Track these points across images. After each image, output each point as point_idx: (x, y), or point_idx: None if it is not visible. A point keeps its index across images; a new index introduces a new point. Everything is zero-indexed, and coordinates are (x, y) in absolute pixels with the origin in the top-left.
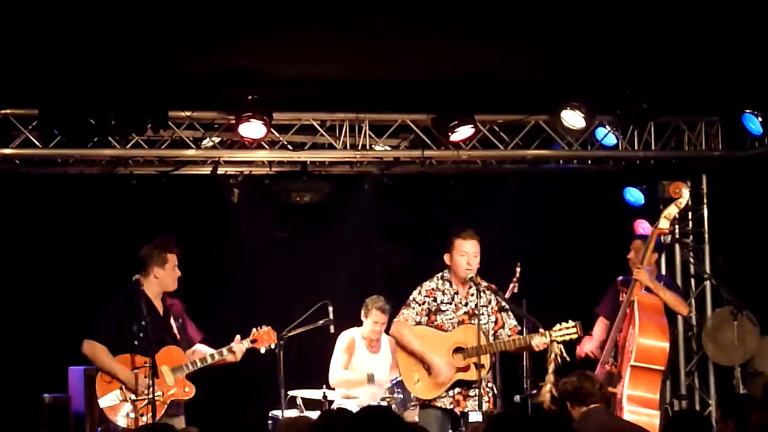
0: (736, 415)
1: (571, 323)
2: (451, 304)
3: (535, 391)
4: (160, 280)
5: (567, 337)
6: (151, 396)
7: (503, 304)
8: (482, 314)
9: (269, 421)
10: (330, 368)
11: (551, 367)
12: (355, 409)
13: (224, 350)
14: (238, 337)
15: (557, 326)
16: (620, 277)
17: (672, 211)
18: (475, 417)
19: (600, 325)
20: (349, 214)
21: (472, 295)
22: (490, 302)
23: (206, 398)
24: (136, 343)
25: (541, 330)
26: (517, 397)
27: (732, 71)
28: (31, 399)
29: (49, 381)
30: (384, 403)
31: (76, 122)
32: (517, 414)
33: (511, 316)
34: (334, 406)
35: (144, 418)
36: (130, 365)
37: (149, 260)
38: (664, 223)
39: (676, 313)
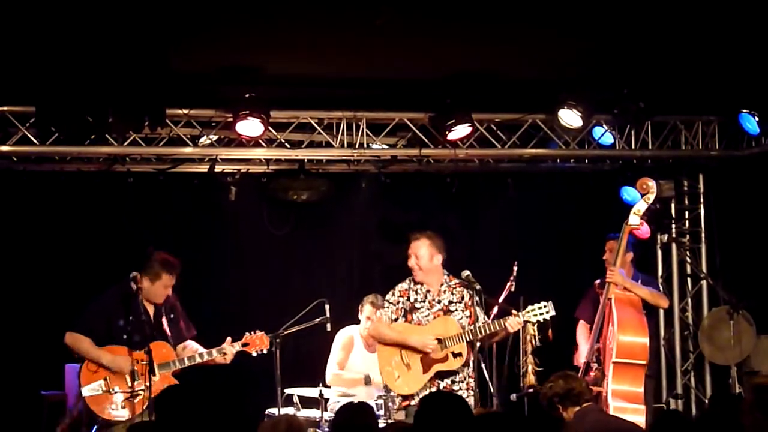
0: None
1: (543, 303)
2: (425, 302)
3: (524, 372)
4: (146, 290)
5: (540, 317)
6: (139, 389)
7: (476, 299)
8: (456, 310)
9: (265, 419)
10: (327, 366)
11: (528, 348)
12: None
13: (214, 351)
14: (229, 339)
15: (530, 307)
16: (597, 281)
17: (641, 207)
18: None
19: (582, 330)
20: (347, 213)
21: (444, 292)
22: (463, 298)
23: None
24: (125, 337)
25: (514, 312)
26: (513, 396)
27: (729, 71)
28: (29, 396)
29: (47, 378)
30: (380, 402)
31: (74, 119)
32: (501, 414)
33: (483, 310)
34: (331, 403)
35: (127, 411)
36: (119, 354)
37: (147, 267)
38: (633, 220)
39: (657, 307)
